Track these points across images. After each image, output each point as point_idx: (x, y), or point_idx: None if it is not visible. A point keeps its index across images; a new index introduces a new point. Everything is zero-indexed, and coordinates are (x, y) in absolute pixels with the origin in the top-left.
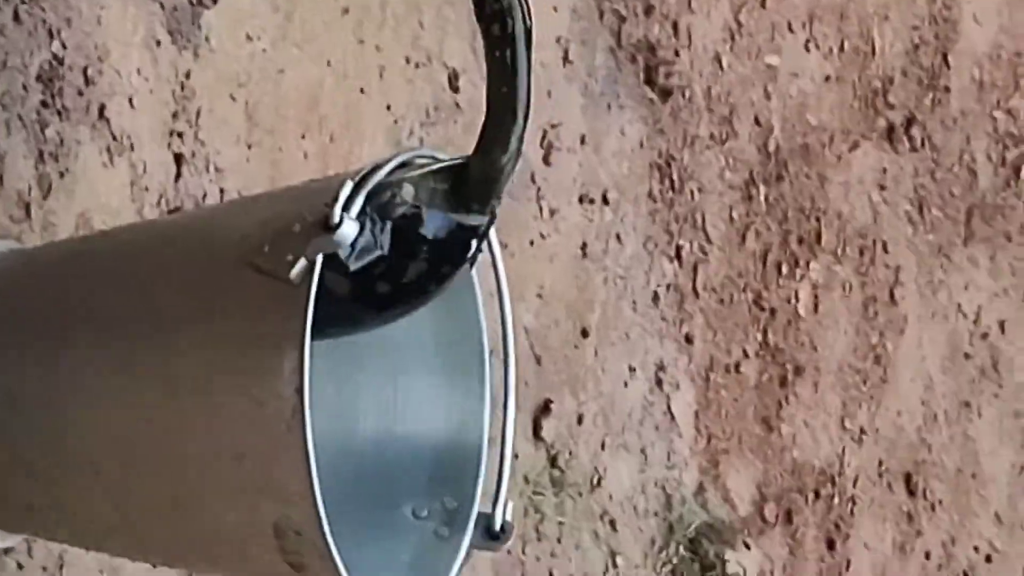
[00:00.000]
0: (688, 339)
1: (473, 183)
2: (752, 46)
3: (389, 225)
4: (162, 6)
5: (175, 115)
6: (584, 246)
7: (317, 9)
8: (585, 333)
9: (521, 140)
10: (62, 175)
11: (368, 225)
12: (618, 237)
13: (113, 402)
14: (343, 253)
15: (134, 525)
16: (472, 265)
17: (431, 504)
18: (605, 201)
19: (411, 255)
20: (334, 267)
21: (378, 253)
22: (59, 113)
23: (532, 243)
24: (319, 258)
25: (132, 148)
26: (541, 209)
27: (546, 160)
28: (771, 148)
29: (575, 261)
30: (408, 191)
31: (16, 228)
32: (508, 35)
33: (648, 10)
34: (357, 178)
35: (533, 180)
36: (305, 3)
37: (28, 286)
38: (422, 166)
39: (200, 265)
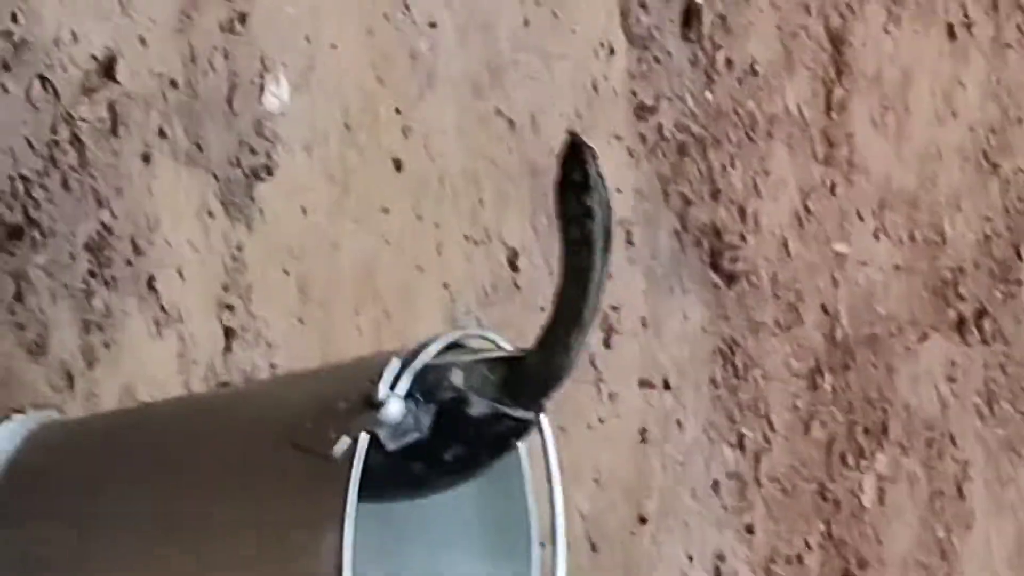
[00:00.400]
0: (749, 529)
1: (527, 379)
2: (820, 233)
3: (434, 408)
4: (216, 177)
5: (226, 288)
6: (643, 431)
7: (375, 183)
8: (643, 519)
9: (583, 344)
10: (107, 346)
11: (413, 406)
12: (678, 423)
13: None
14: (384, 433)
15: None
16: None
17: None
18: (666, 386)
19: (451, 439)
20: (372, 442)
21: (417, 436)
22: (106, 283)
23: (590, 426)
24: (363, 436)
25: (181, 320)
26: (600, 392)
27: (606, 343)
28: (838, 337)
29: (634, 446)
30: (457, 376)
31: (58, 397)
32: (586, 239)
33: (715, 194)
34: (405, 356)
35: (593, 363)
36: (362, 177)
37: (63, 456)
38: (475, 349)
39: (240, 441)
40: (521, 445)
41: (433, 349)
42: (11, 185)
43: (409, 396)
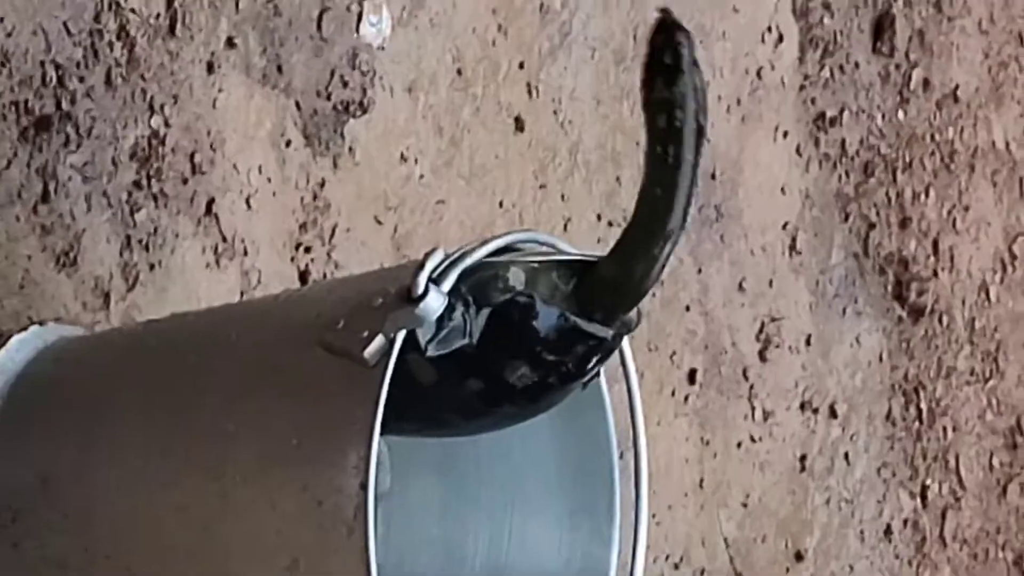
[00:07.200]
0: None
1: (601, 288)
2: None
3: (486, 312)
4: (298, 105)
5: (303, 226)
6: (803, 459)
7: (492, 141)
8: (799, 556)
9: (667, 253)
10: (152, 267)
11: (460, 307)
12: (846, 456)
13: (151, 490)
14: (424, 334)
15: None
16: (586, 384)
17: None
18: (832, 414)
19: (515, 355)
20: (419, 351)
21: (464, 342)
22: (155, 198)
23: (740, 445)
24: (399, 336)
25: (245, 253)
26: (753, 409)
27: (762, 356)
28: None
29: (791, 474)
30: (517, 276)
31: (90, 317)
32: (675, 129)
33: (903, 222)
34: (456, 252)
35: (746, 375)
36: (477, 131)
37: (77, 367)
38: (543, 255)
39: (266, 345)
40: (603, 383)
41: (489, 247)
42: (42, 71)
43: (459, 297)
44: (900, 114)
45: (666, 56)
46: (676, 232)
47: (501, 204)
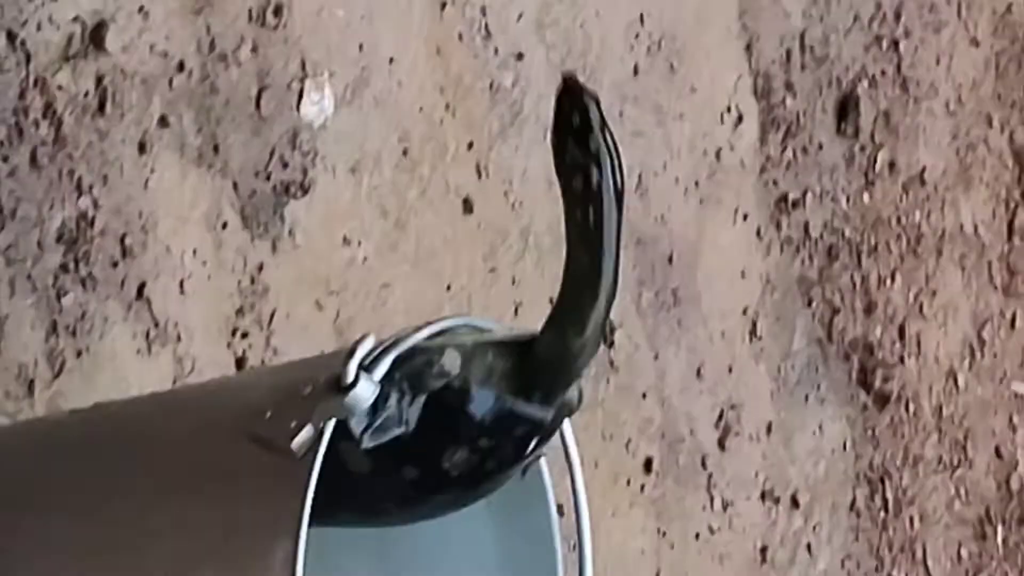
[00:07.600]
0: None
1: (539, 366)
2: (996, 369)
3: (421, 399)
4: (235, 186)
5: (240, 311)
6: (764, 550)
7: (439, 223)
8: None
9: (602, 321)
10: (79, 354)
11: (395, 395)
12: (808, 548)
13: None
14: (357, 423)
15: None
16: (525, 471)
17: None
18: (794, 504)
19: (450, 440)
20: (353, 440)
21: (400, 431)
22: (82, 282)
23: (698, 536)
24: (328, 426)
25: (179, 339)
26: (712, 499)
27: (721, 444)
28: (1014, 486)
29: (751, 566)
30: (452, 360)
31: (13, 406)
32: (592, 192)
33: (868, 307)
34: (389, 338)
35: (704, 464)
36: (424, 213)
37: None
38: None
39: (192, 436)
40: (545, 472)
41: (423, 333)
42: None
43: (393, 385)
44: (865, 196)
45: (574, 117)
46: (607, 297)
47: (449, 288)
